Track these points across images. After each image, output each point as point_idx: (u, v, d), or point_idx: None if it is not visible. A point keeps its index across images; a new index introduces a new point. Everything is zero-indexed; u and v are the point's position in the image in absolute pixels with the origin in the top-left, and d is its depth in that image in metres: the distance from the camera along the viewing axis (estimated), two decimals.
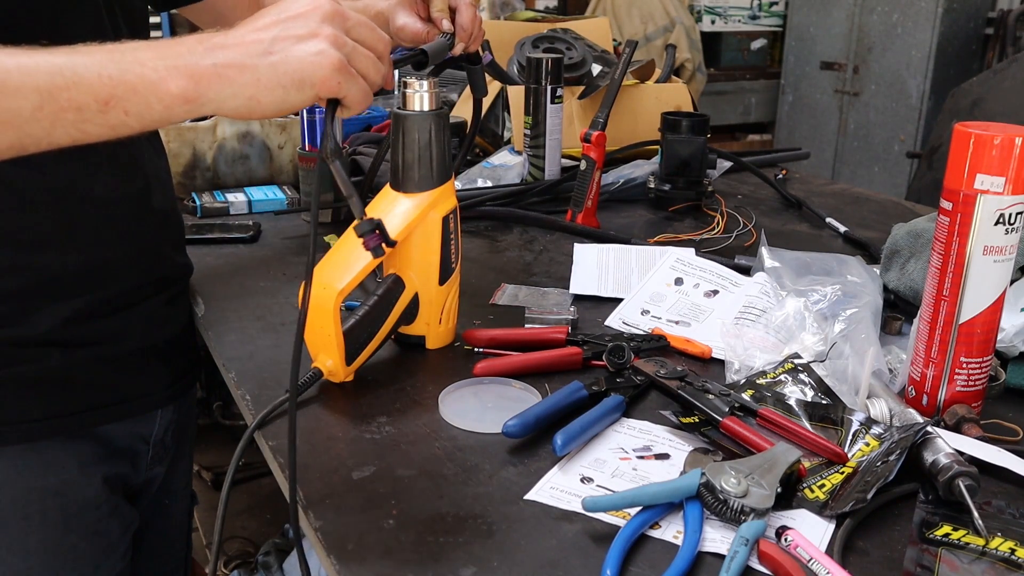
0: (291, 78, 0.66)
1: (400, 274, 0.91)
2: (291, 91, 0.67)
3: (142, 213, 0.95)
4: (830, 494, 0.70)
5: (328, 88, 0.67)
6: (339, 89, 0.68)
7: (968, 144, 0.75)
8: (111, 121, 0.65)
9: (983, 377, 0.81)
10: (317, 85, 0.67)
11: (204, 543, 2.06)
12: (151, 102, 0.65)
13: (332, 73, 0.67)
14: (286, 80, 0.66)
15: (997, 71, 2.75)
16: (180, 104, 0.66)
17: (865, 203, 1.59)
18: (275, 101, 0.67)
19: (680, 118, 1.47)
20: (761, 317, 0.97)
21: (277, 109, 0.68)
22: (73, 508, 0.92)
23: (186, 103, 0.66)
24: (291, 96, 0.67)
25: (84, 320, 0.89)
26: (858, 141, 4.64)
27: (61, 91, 0.63)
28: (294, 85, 0.67)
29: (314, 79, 0.67)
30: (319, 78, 0.67)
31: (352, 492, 0.70)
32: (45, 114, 0.63)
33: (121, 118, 0.65)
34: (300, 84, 0.67)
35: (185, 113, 0.67)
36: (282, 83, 0.66)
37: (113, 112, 0.65)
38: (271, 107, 0.67)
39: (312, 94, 0.68)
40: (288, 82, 0.66)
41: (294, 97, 0.67)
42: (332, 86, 0.67)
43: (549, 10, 4.67)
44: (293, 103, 0.68)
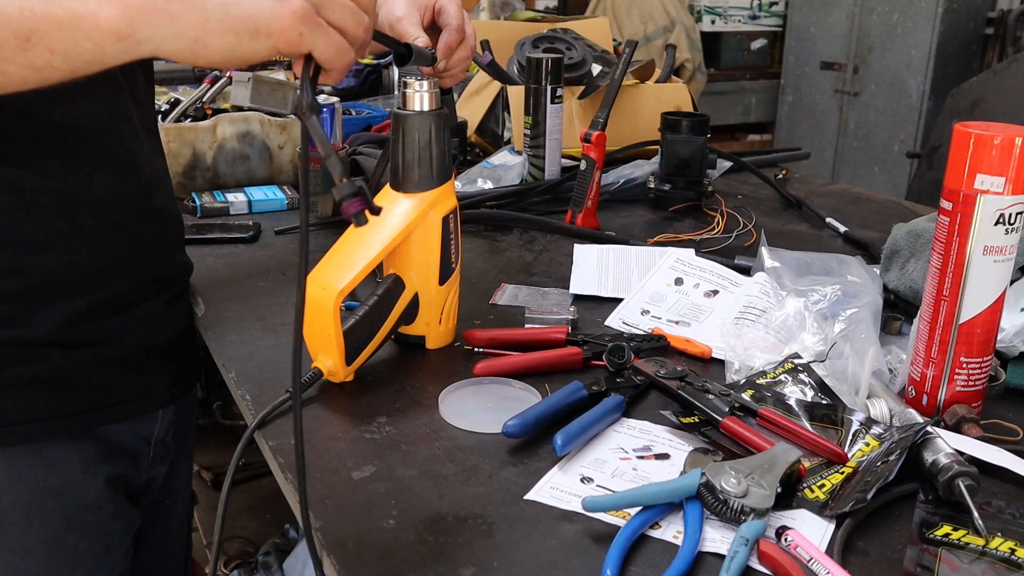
0: (245, 24, 0.59)
1: (400, 274, 0.92)
2: (244, 38, 0.59)
3: (141, 213, 0.95)
4: (830, 494, 0.70)
5: (288, 40, 0.60)
6: (301, 42, 0.60)
7: (968, 144, 0.75)
8: (35, 61, 0.60)
9: (983, 377, 0.81)
10: (275, 35, 0.60)
11: (204, 543, 2.06)
12: (78, 38, 0.59)
13: (293, 22, 0.59)
14: (238, 25, 0.59)
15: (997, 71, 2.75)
16: (113, 41, 0.59)
17: (865, 203, 1.59)
18: (224, 47, 0.60)
19: (680, 118, 1.47)
20: (761, 317, 0.98)
21: (225, 57, 0.61)
22: (75, 509, 0.92)
23: (119, 40, 0.59)
24: (244, 44, 0.60)
25: (85, 320, 0.89)
26: (858, 141, 4.64)
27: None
28: (247, 32, 0.59)
29: (271, 27, 0.59)
30: (277, 27, 0.59)
31: (352, 492, 0.70)
32: None
33: (46, 57, 0.59)
34: (254, 31, 0.59)
35: (120, 52, 0.60)
36: (233, 28, 0.59)
37: (36, 50, 0.59)
38: (219, 53, 0.60)
39: (269, 45, 0.60)
40: (241, 27, 0.59)
41: (247, 45, 0.60)
42: (292, 37, 0.60)
43: (549, 10, 4.67)
44: (246, 53, 0.60)
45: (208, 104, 1.60)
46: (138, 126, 0.94)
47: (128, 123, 0.92)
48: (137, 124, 0.93)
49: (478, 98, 1.79)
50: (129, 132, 0.92)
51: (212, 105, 1.61)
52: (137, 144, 0.93)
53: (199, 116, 1.55)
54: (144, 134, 0.96)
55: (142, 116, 0.95)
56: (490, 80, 1.76)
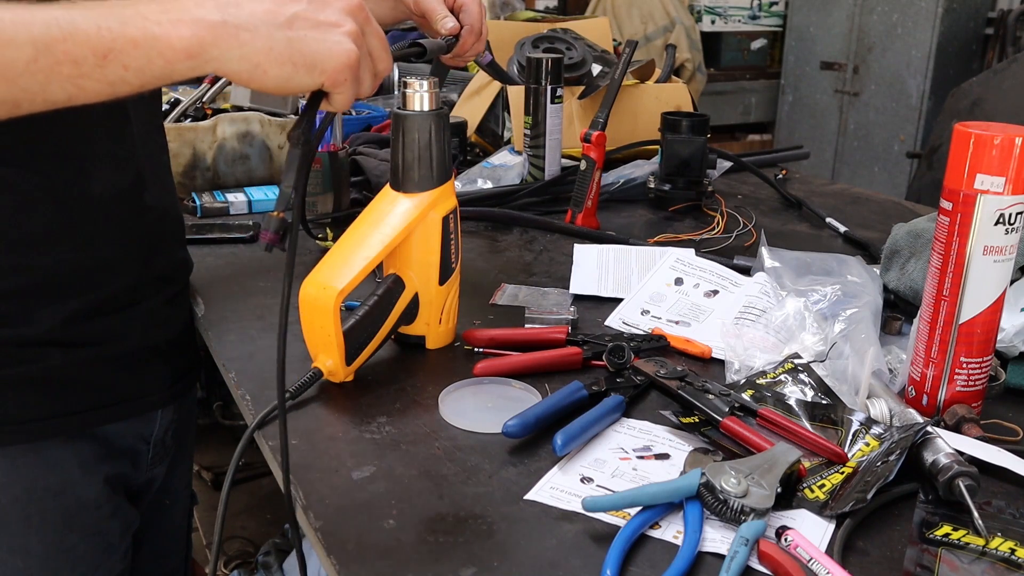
0: (304, 59, 0.64)
1: (400, 274, 0.91)
2: (300, 71, 0.64)
3: (141, 210, 0.94)
4: (830, 494, 0.70)
5: (335, 81, 0.65)
6: (342, 86, 0.66)
7: (968, 144, 0.75)
8: (109, 76, 0.62)
9: (983, 377, 0.81)
10: (328, 73, 0.65)
11: (204, 543, 2.06)
12: (152, 57, 0.62)
13: (345, 67, 0.65)
14: (299, 59, 0.64)
15: (997, 71, 2.74)
16: (183, 59, 0.63)
17: (865, 203, 1.59)
18: (281, 76, 0.64)
19: (680, 118, 1.47)
20: (761, 317, 0.97)
21: (279, 85, 0.65)
22: (74, 508, 0.92)
23: (189, 58, 0.63)
24: (298, 76, 0.64)
25: (84, 319, 0.89)
26: (858, 141, 4.64)
27: (57, 43, 0.60)
28: (305, 66, 0.64)
29: (326, 67, 0.65)
30: (332, 67, 0.65)
31: (352, 492, 0.70)
32: (40, 67, 0.61)
33: (120, 73, 0.62)
34: (311, 67, 0.64)
35: (187, 70, 0.64)
36: (293, 60, 0.64)
37: (111, 67, 0.62)
38: (274, 81, 0.64)
39: (319, 81, 0.65)
40: (300, 61, 0.64)
41: (301, 78, 0.65)
42: (339, 79, 0.65)
43: (549, 10, 4.67)
44: (297, 84, 0.65)
45: (208, 104, 1.60)
46: (139, 122, 0.94)
47: (127, 120, 0.92)
48: (137, 120, 0.93)
49: (478, 98, 1.79)
50: (129, 129, 0.92)
51: (212, 105, 1.61)
52: (134, 139, 0.93)
53: (199, 116, 1.55)
54: (146, 130, 0.96)
55: (145, 111, 0.95)
56: (490, 80, 1.76)
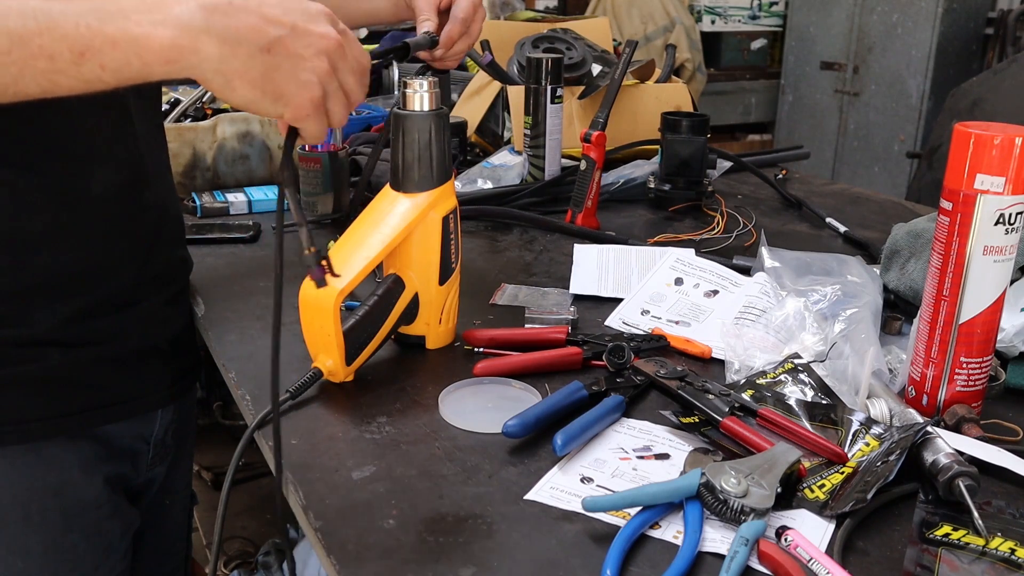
0: (273, 88, 0.65)
1: (400, 274, 0.91)
2: (266, 99, 0.65)
3: (140, 209, 0.94)
4: (830, 494, 0.70)
5: (297, 115, 0.67)
6: (305, 120, 0.67)
7: (968, 144, 0.75)
8: (85, 75, 0.62)
9: (983, 377, 0.81)
10: (290, 108, 0.66)
11: (204, 543, 2.06)
12: (130, 58, 0.62)
13: (308, 104, 0.66)
14: (268, 87, 0.65)
15: (997, 71, 2.74)
16: (161, 63, 0.63)
17: (865, 203, 1.59)
18: (247, 98, 0.65)
19: (680, 118, 1.47)
20: (761, 317, 0.97)
21: (243, 105, 0.66)
22: (73, 508, 0.92)
23: (167, 63, 0.63)
24: (262, 103, 0.66)
25: (84, 319, 0.89)
26: (858, 141, 4.64)
27: (33, 36, 0.60)
28: (272, 95, 0.65)
29: (291, 101, 0.66)
30: (295, 103, 0.66)
31: (352, 492, 0.70)
32: (13, 59, 0.60)
33: (96, 72, 0.62)
34: (277, 98, 0.65)
35: (164, 73, 0.64)
36: (263, 87, 0.65)
37: (88, 65, 0.62)
38: (240, 100, 0.65)
39: (280, 111, 0.66)
40: (269, 89, 0.65)
41: (265, 106, 0.66)
42: (301, 115, 0.67)
43: (549, 10, 4.67)
44: (260, 109, 0.66)
45: (208, 104, 1.60)
46: (138, 120, 0.94)
47: (127, 118, 0.92)
48: (137, 119, 0.93)
49: (478, 98, 1.79)
50: (128, 127, 0.92)
51: (212, 105, 1.61)
52: (134, 139, 0.93)
53: (199, 116, 1.55)
54: (148, 128, 0.96)
55: (144, 110, 0.95)
56: (490, 80, 1.76)
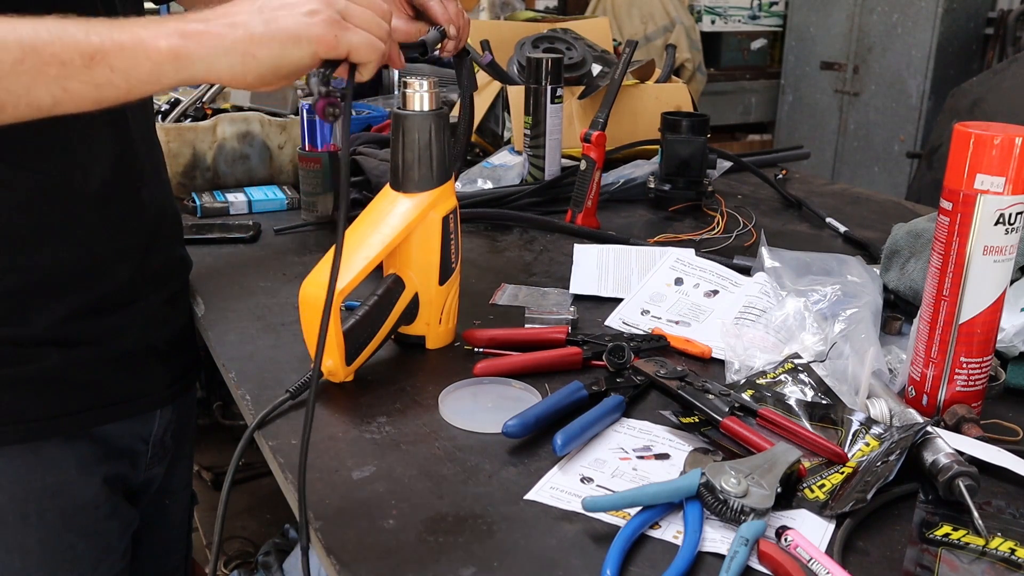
0: (285, 33, 0.65)
1: (400, 274, 0.91)
2: (287, 46, 0.66)
3: (137, 207, 0.95)
4: (830, 494, 0.70)
5: (327, 43, 0.67)
6: (338, 44, 0.67)
7: (968, 144, 0.75)
8: (96, 78, 0.64)
9: (983, 377, 0.81)
10: (314, 41, 0.66)
11: (204, 543, 2.06)
12: (139, 59, 0.64)
13: (327, 28, 0.66)
14: (280, 35, 0.65)
15: (997, 71, 2.74)
16: (169, 61, 0.64)
17: (865, 203, 1.59)
18: (271, 56, 0.66)
19: (680, 118, 1.47)
20: (761, 317, 0.97)
21: (274, 64, 0.66)
22: (72, 508, 0.92)
23: (175, 59, 0.64)
24: (288, 51, 0.66)
25: (82, 318, 0.89)
26: (858, 141, 4.63)
27: (45, 45, 0.62)
28: (290, 40, 0.66)
29: (310, 35, 0.66)
30: (315, 34, 0.66)
31: (352, 492, 0.70)
32: (26, 68, 0.62)
33: (107, 75, 0.64)
34: (296, 39, 0.66)
35: (174, 72, 0.65)
36: (278, 38, 0.65)
37: (98, 68, 0.63)
38: (267, 63, 0.66)
39: (311, 51, 0.66)
40: (283, 36, 0.65)
41: (292, 52, 0.66)
42: (330, 40, 0.67)
43: (549, 10, 4.67)
44: (291, 60, 0.66)
45: (208, 104, 1.60)
46: (133, 119, 0.94)
47: (123, 118, 0.92)
48: (132, 117, 0.93)
49: (478, 98, 1.79)
50: (124, 127, 0.92)
51: (212, 105, 1.61)
52: (131, 138, 0.93)
53: (199, 116, 1.55)
54: (140, 128, 0.96)
55: (138, 110, 0.95)
56: (490, 80, 1.75)
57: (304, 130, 1.34)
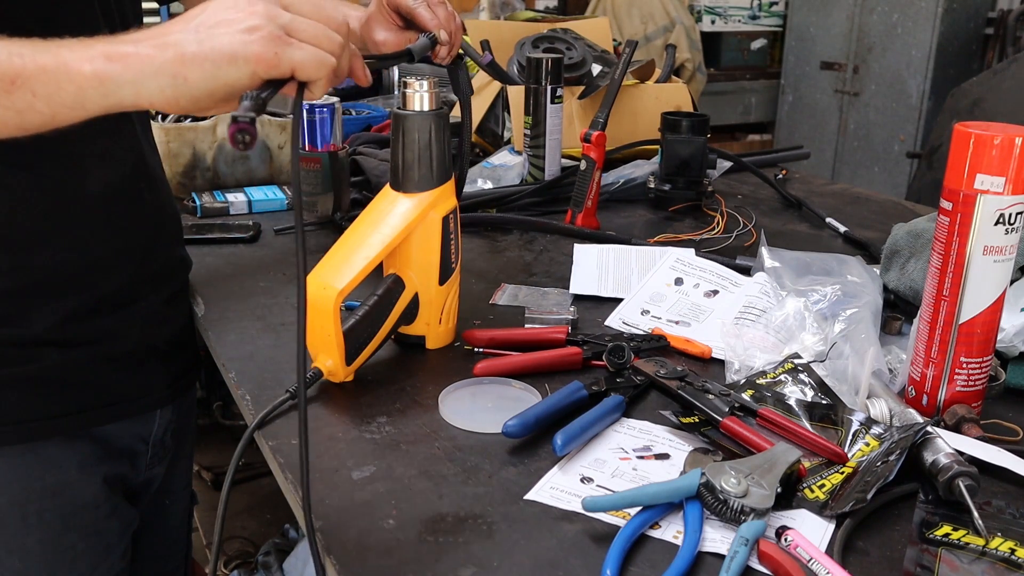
0: (220, 52, 0.61)
1: (400, 274, 0.92)
2: (223, 66, 0.61)
3: (136, 208, 0.95)
4: (830, 494, 0.70)
5: (266, 62, 0.62)
6: (279, 62, 0.62)
7: (968, 144, 0.75)
8: (16, 103, 0.62)
9: (983, 377, 0.81)
10: (252, 60, 0.61)
11: (204, 543, 2.06)
12: (62, 83, 0.61)
13: (266, 45, 0.62)
14: (215, 55, 0.61)
15: (997, 71, 2.74)
16: (93, 86, 0.62)
17: (865, 203, 1.59)
18: (204, 76, 0.61)
19: (680, 118, 1.47)
20: (761, 317, 0.97)
21: (208, 87, 0.62)
22: (71, 508, 0.92)
23: (100, 84, 0.61)
24: (223, 71, 0.61)
25: (82, 318, 0.89)
26: (858, 141, 4.63)
27: None
28: (225, 59, 0.61)
29: (247, 53, 0.61)
30: (253, 52, 0.61)
31: (352, 492, 0.70)
32: None
33: (28, 100, 0.62)
34: (232, 58, 0.61)
35: (100, 97, 0.62)
36: (211, 58, 0.61)
37: (19, 93, 0.61)
38: (201, 84, 0.62)
39: (249, 70, 0.62)
40: (219, 57, 0.61)
41: (229, 73, 0.62)
42: (270, 58, 0.62)
43: (549, 10, 4.67)
44: (227, 80, 0.62)
45: None
46: (132, 120, 0.94)
47: (122, 118, 0.92)
48: (137, 121, 0.93)
49: (478, 98, 1.79)
50: (123, 127, 0.92)
51: None
52: (131, 139, 0.93)
53: (199, 116, 1.55)
54: (138, 128, 0.96)
55: (140, 112, 0.95)
56: (490, 80, 1.75)
57: (304, 130, 1.34)
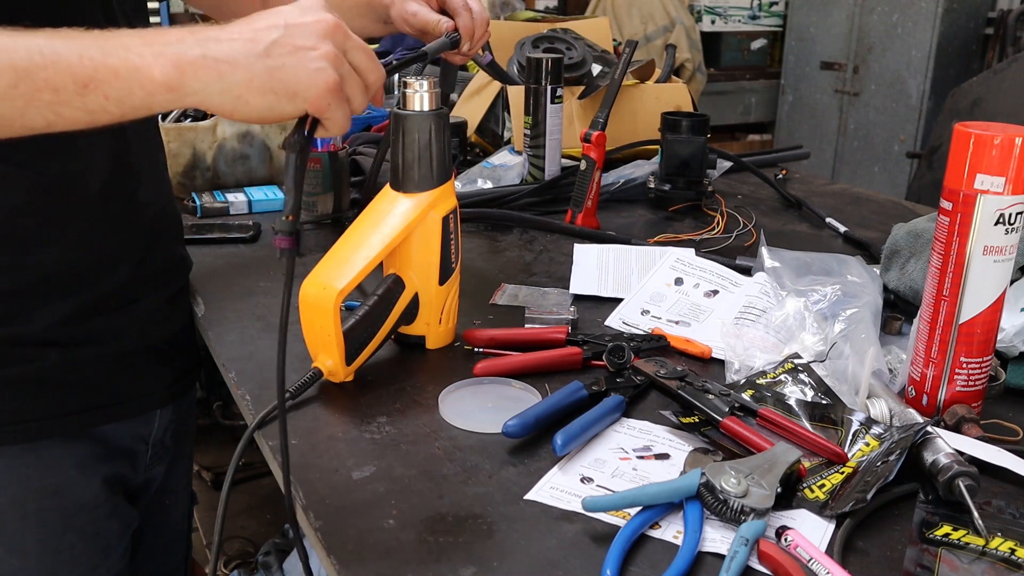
0: (285, 87, 0.64)
1: (400, 274, 0.91)
2: (282, 100, 0.65)
3: (136, 206, 0.95)
4: (830, 494, 0.70)
5: (318, 106, 0.65)
6: (327, 110, 0.66)
7: (968, 144, 0.75)
8: (89, 105, 0.63)
9: (983, 377, 0.81)
10: (310, 101, 0.65)
11: (204, 543, 2.06)
12: (132, 88, 0.63)
13: (326, 93, 0.65)
14: (279, 87, 0.64)
15: (997, 71, 2.74)
16: (163, 92, 0.63)
17: (865, 203, 1.59)
18: (263, 106, 0.65)
19: (680, 118, 1.47)
20: (761, 317, 0.97)
21: (262, 115, 0.65)
22: (71, 508, 0.92)
23: (169, 91, 0.63)
24: (280, 105, 0.65)
25: (82, 318, 0.89)
26: (858, 141, 4.64)
27: (39, 70, 0.61)
28: (287, 95, 0.64)
29: (308, 94, 0.65)
30: (313, 95, 0.65)
31: (352, 492, 0.70)
32: (20, 93, 0.61)
33: (100, 102, 0.63)
34: (292, 96, 0.65)
35: (167, 102, 0.64)
36: (274, 89, 0.64)
37: (92, 96, 0.62)
38: (256, 111, 0.65)
39: (301, 108, 0.66)
40: (281, 90, 0.64)
41: (284, 107, 0.65)
42: (322, 105, 0.65)
43: (549, 10, 4.67)
44: (280, 112, 0.66)
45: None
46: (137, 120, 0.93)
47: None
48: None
49: (478, 98, 1.79)
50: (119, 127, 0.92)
51: None
52: (130, 138, 0.93)
53: (199, 116, 1.55)
54: (143, 126, 0.96)
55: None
56: (490, 80, 1.76)
57: None
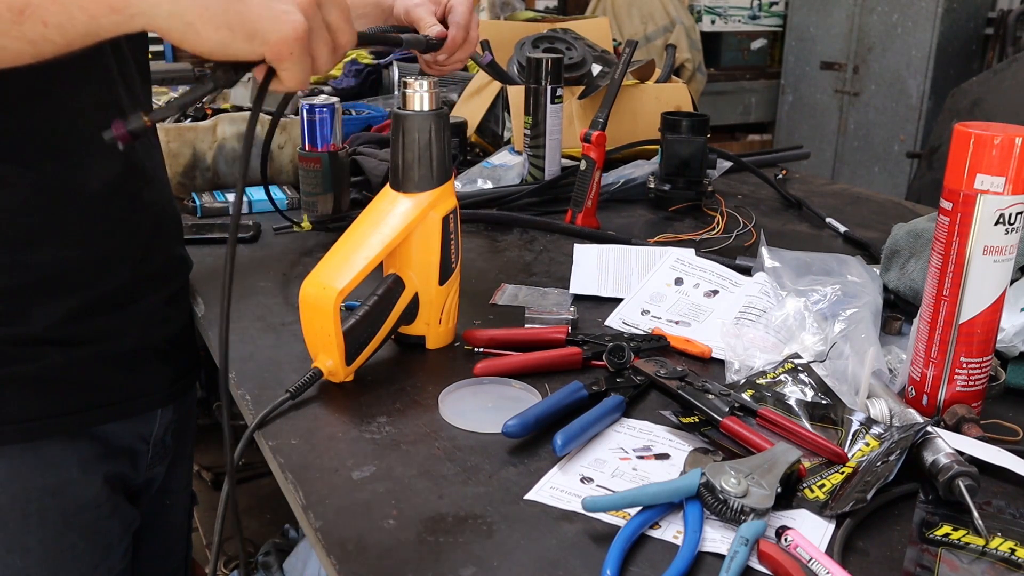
0: (243, 24, 0.59)
1: (400, 274, 0.92)
2: (238, 37, 0.59)
3: (137, 207, 0.95)
4: (830, 494, 0.70)
5: (277, 52, 0.60)
6: (287, 59, 0.61)
7: (968, 144, 0.75)
8: (28, 34, 0.59)
9: (983, 377, 0.81)
10: (269, 44, 0.60)
11: (204, 543, 2.06)
12: (72, 10, 0.59)
13: (292, 39, 0.60)
14: (236, 23, 0.59)
15: (997, 71, 2.75)
16: (106, 13, 0.59)
17: (865, 203, 1.59)
18: (215, 40, 0.59)
19: (680, 118, 1.47)
20: (761, 317, 0.97)
21: (211, 50, 0.60)
22: (72, 508, 0.92)
23: (113, 11, 0.59)
24: (235, 43, 0.59)
25: (82, 318, 0.89)
26: (858, 141, 4.64)
27: None
28: (244, 33, 0.59)
29: (268, 37, 0.59)
30: (274, 39, 0.59)
31: (352, 492, 0.70)
32: None
33: (40, 30, 0.59)
34: (250, 35, 0.59)
35: (113, 25, 0.60)
36: (230, 24, 0.59)
37: (30, 22, 0.59)
38: (207, 45, 0.59)
39: (259, 52, 0.60)
40: (239, 26, 0.59)
41: (239, 45, 0.59)
42: (283, 52, 0.60)
43: (549, 10, 4.67)
44: (234, 51, 0.60)
45: (208, 104, 1.60)
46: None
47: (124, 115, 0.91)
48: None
49: (478, 98, 1.79)
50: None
51: (212, 105, 1.61)
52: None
53: (199, 116, 1.55)
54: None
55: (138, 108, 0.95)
56: (490, 80, 1.76)
57: (304, 130, 1.34)
